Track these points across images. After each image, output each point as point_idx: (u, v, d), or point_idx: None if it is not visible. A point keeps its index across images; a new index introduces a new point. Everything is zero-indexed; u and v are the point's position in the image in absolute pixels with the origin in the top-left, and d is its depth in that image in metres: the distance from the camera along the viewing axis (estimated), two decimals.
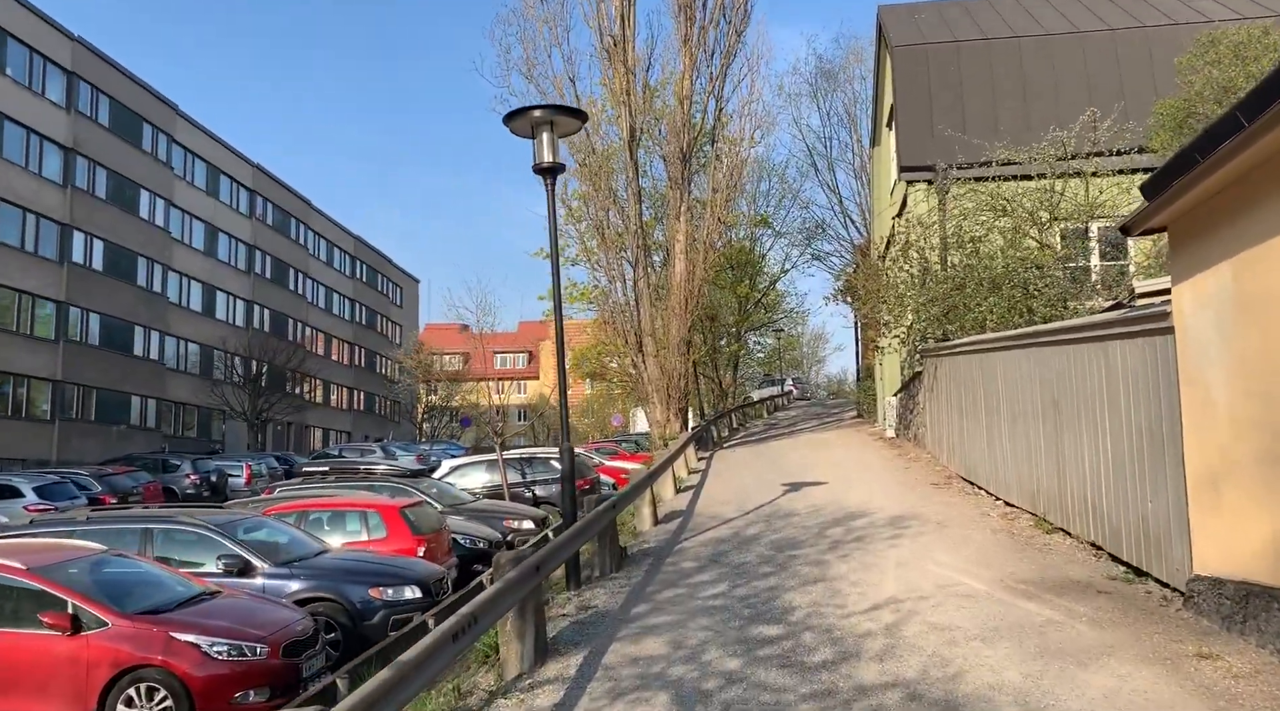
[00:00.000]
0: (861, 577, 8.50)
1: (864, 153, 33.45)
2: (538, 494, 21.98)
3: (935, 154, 19.50)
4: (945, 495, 14.06)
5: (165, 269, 46.64)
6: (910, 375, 21.64)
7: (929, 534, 10.61)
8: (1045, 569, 8.53)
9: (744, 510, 13.22)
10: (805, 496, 14.33)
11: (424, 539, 13.37)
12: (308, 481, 18.62)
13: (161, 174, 46.26)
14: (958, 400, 15.78)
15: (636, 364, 22.66)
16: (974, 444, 14.56)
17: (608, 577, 8.95)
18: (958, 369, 15.84)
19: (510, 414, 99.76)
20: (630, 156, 22.28)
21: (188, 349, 49.01)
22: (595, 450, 40.78)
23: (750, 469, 19.04)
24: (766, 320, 45.73)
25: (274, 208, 58.75)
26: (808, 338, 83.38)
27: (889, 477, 16.27)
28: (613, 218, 22.47)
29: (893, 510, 12.47)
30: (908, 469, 17.35)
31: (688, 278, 22.54)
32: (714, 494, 15.28)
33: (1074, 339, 9.74)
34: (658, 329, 22.80)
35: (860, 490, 14.64)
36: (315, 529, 13.35)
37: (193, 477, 29.85)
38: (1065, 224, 17.45)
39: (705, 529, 11.75)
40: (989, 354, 13.49)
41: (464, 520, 17.47)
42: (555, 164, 8.47)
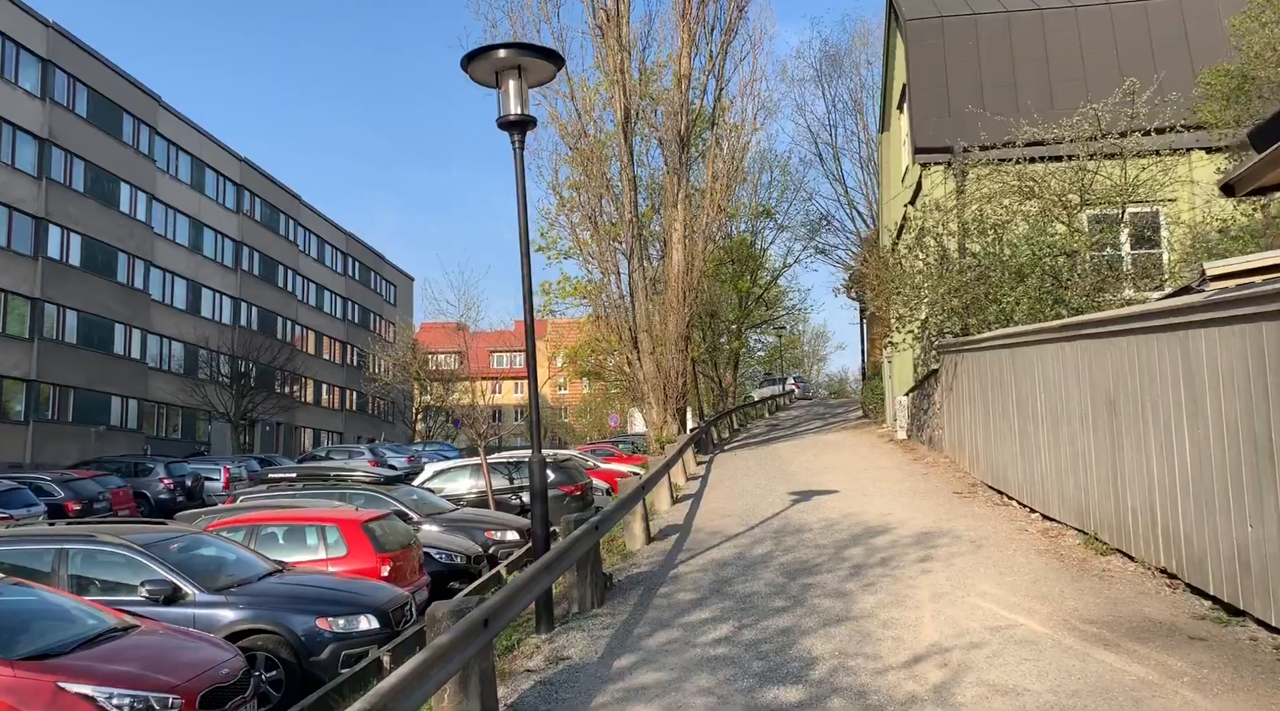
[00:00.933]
0: (894, 615, 7.05)
1: (871, 141, 31.98)
2: (525, 500, 20.53)
3: (952, 134, 18.07)
4: (972, 506, 12.62)
5: (147, 265, 45.15)
6: (925, 373, 20.20)
7: (964, 555, 9.16)
8: (1114, 604, 7.08)
9: (749, 524, 11.77)
10: (816, 507, 12.88)
11: (389, 556, 11.92)
12: (274, 489, 17.17)
13: (143, 167, 44.77)
14: (983, 400, 14.34)
15: (631, 361, 21.22)
16: (1003, 449, 13.12)
17: (588, 615, 7.49)
18: (982, 366, 14.40)
19: (508, 413, 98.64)
20: (624, 140, 20.82)
21: (171, 347, 47.52)
22: (591, 452, 39.38)
23: (753, 475, 17.60)
24: (768, 317, 44.27)
25: (262, 203, 57.27)
26: (809, 336, 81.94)
27: (906, 485, 14.83)
28: (606, 206, 21.03)
29: (917, 524, 11.02)
30: (926, 475, 15.91)
31: (686, 270, 21.10)
32: (715, 505, 13.83)
33: (1138, 329, 8.30)
34: (654, 324, 21.36)
35: (877, 500, 13.20)
36: (267, 546, 11.89)
37: (166, 482, 28.36)
38: (1096, 208, 16.02)
39: (705, 548, 10.30)
40: (1022, 348, 12.05)
41: (441, 531, 16.04)
42: (524, 117, 7.03)
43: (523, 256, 7.23)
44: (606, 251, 20.97)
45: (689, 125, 21.25)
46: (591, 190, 20.72)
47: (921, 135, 19.06)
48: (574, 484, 20.73)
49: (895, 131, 24.57)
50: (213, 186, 51.87)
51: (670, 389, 20.93)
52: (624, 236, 21.23)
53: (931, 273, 16.95)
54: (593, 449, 41.26)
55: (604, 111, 23.35)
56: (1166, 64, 17.67)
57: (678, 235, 21.23)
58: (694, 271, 21.27)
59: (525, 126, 7.11)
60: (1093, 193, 15.27)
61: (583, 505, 20.81)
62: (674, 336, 21.09)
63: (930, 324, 17.99)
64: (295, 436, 59.93)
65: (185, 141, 48.94)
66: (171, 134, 47.49)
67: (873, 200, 30.44)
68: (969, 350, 15.32)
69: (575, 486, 20.69)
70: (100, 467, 29.06)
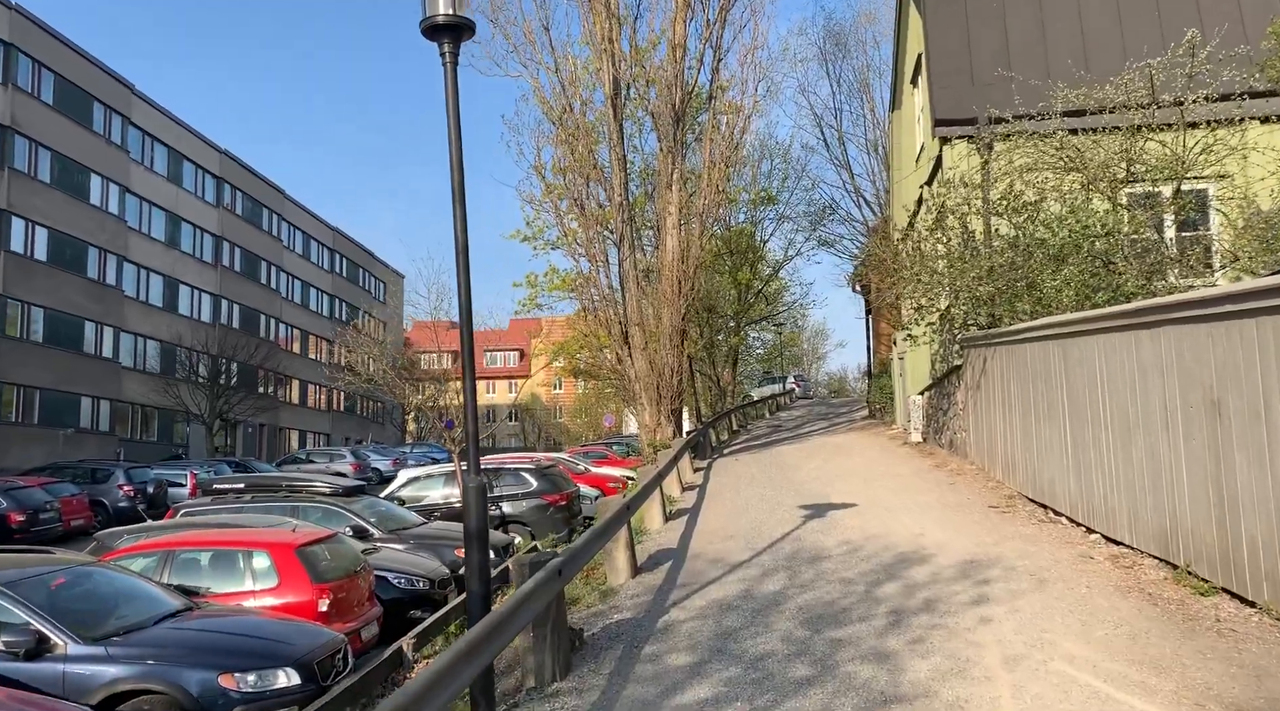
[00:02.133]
0: (961, 694, 5.21)
1: (879, 123, 30.22)
2: (505, 511, 18.69)
3: (976, 103, 16.23)
4: (1015, 524, 10.78)
5: (120, 260, 43.24)
6: (944, 370, 18.36)
7: (1028, 594, 7.32)
8: (1259, 678, 5.24)
9: (754, 548, 9.91)
10: (833, 525, 11.04)
11: (330, 587, 10.06)
12: (219, 501, 15.30)
13: (115, 158, 42.84)
14: (1021, 400, 12.49)
15: (622, 358, 19.36)
16: (1049, 457, 11.27)
17: (546, 693, 5.59)
18: (1020, 361, 12.55)
19: (501, 413, 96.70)
20: (614, 116, 18.95)
21: (146, 346, 45.60)
22: (583, 454, 37.40)
23: (757, 484, 15.75)
24: (768, 313, 42.38)
25: (244, 197, 55.34)
26: (808, 333, 79.98)
27: (933, 497, 12.98)
28: (594, 190, 19.17)
29: (958, 550, 9.18)
30: (953, 485, 14.06)
31: (681, 257, 19.24)
32: (714, 522, 11.96)
33: (1255, 308, 6.46)
34: (646, 318, 19.52)
35: (903, 517, 11.36)
36: (186, 575, 10.04)
37: (126, 489, 26.46)
38: (1140, 185, 14.18)
39: (704, 583, 8.44)
40: (1077, 339, 10.20)
41: (406, 550, 14.20)
42: (457, 19, 5.18)
43: (454, 195, 5.37)
44: (595, 239, 19.10)
45: (684, 99, 19.37)
46: (578, 171, 18.86)
47: (942, 105, 17.20)
48: (559, 492, 18.90)
49: (908, 108, 22.72)
50: (191, 179, 49.94)
51: (664, 388, 19.08)
52: (614, 222, 19.37)
53: (955, 257, 15.10)
54: (585, 451, 39.28)
55: (593, 93, 21.50)
56: (1215, 24, 15.82)
57: (672, 220, 19.36)
58: (690, 260, 19.41)
59: (459, 34, 5.26)
60: (1143, 165, 13.41)
61: (569, 516, 18.97)
62: (668, 331, 19.24)
63: (953, 315, 16.17)
64: (279, 438, 58.02)
65: (161, 132, 47.00)
66: (146, 124, 45.55)
67: (880, 187, 28.63)
68: (1001, 343, 13.48)
69: (560, 495, 18.86)
70: (55, 473, 27.15)
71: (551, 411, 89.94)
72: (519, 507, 18.70)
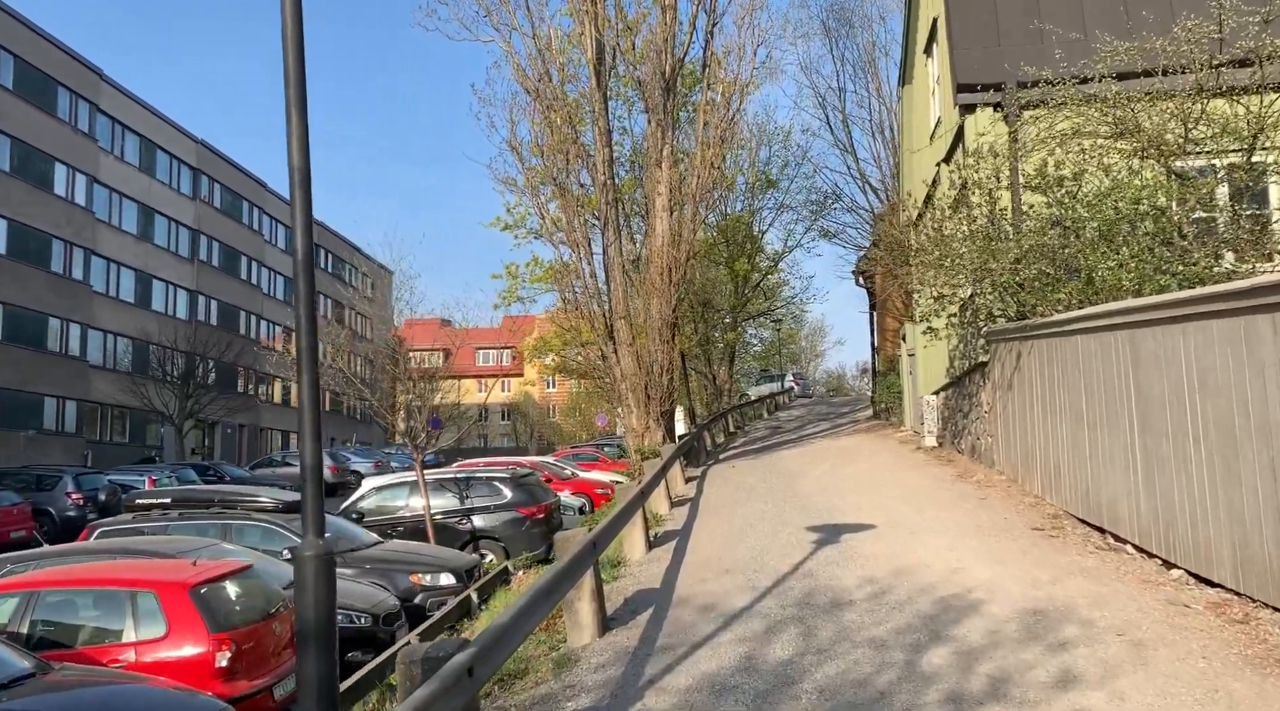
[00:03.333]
0: None
1: (887, 103, 28.31)
2: (477, 526, 16.78)
3: (1003, 65, 14.34)
4: (1070, 553, 8.90)
5: (88, 253, 41.25)
6: (965, 367, 16.50)
7: (1128, 671, 5.44)
8: None
9: (756, 588, 8.01)
10: (850, 554, 9.15)
11: (232, 635, 8.14)
12: (141, 518, 13.37)
13: (82, 146, 40.84)
14: (1070, 402, 10.60)
15: (606, 355, 17.44)
16: (1109, 472, 9.38)
17: None
18: (1066, 356, 10.67)
19: (494, 412, 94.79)
20: (597, 85, 17.01)
21: (116, 344, 43.61)
22: (571, 456, 35.43)
23: (757, 498, 13.85)
24: (766, 308, 40.44)
25: (222, 189, 53.34)
26: (806, 330, 77.95)
27: (963, 516, 11.10)
28: (576, 168, 17.21)
29: (1012, 593, 7.30)
30: (983, 500, 12.17)
31: (672, 242, 17.32)
32: (707, 550, 10.04)
33: None
34: (634, 310, 17.62)
35: (933, 543, 9.47)
36: (53, 623, 8.13)
37: (75, 496, 24.51)
38: (1204, 153, 12.26)
39: (692, 645, 6.53)
40: (1154, 329, 8.30)
41: (350, 578, 12.28)
42: None
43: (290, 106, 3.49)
44: (576, 222, 17.13)
45: (675, 68, 17.45)
46: (557, 148, 16.93)
47: (964, 70, 15.30)
48: (536, 504, 16.97)
49: (921, 81, 20.82)
50: (165, 170, 47.93)
51: (653, 388, 17.17)
52: (598, 205, 17.46)
53: (982, 238, 13.19)
54: (574, 453, 37.28)
55: (577, 69, 19.56)
56: None
57: (662, 201, 17.44)
58: (682, 245, 17.49)
59: None
60: (1208, 128, 11.50)
61: (547, 531, 17.02)
62: (658, 324, 17.32)
63: (978, 304, 14.29)
64: (261, 439, 56.10)
65: (133, 120, 44.98)
66: (116, 112, 43.53)
67: (887, 172, 26.75)
68: (1041, 336, 11.60)
69: (538, 508, 16.93)
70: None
71: (545, 410, 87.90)
72: (492, 521, 16.79)
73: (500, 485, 17.12)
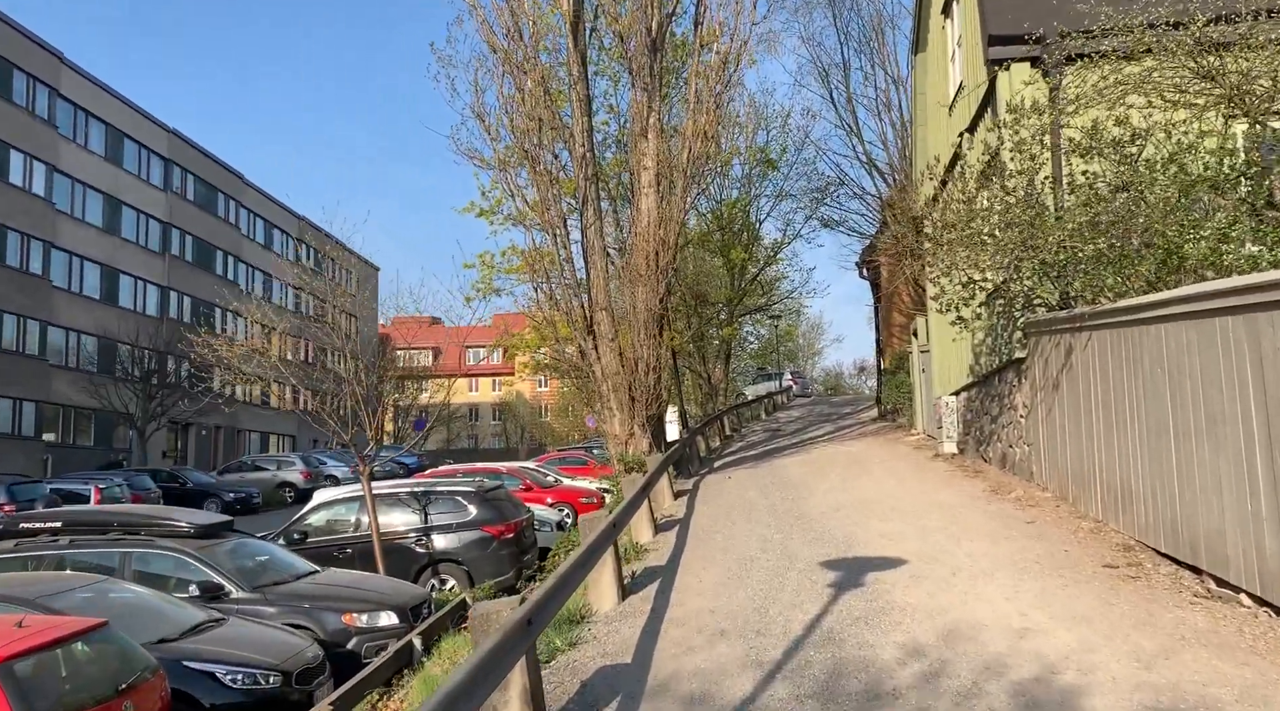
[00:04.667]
0: None
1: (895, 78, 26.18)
2: (437, 547, 14.69)
3: (1041, 12, 12.29)
4: (1169, 606, 6.83)
5: (47, 246, 39.01)
6: (995, 364, 14.43)
7: None
8: None
9: (762, 666, 5.93)
10: (881, 607, 7.07)
11: None
12: (25, 546, 11.22)
13: (40, 133, 38.60)
14: (1148, 406, 8.52)
15: (586, 352, 15.31)
16: (1209, 496, 7.31)
17: None
18: (1140, 349, 8.60)
19: (485, 412, 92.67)
20: (573, 43, 14.86)
21: (80, 342, 41.37)
22: (558, 460, 33.25)
23: (757, 517, 11.76)
24: (763, 304, 38.30)
25: (196, 181, 51.09)
26: (805, 327, 75.77)
27: (1013, 547, 9.02)
28: (550, 139, 15.01)
29: (1118, 677, 5.26)
30: (1031, 524, 10.09)
31: (659, 223, 15.21)
32: (696, 600, 7.92)
33: None
34: (616, 301, 15.52)
35: (989, 589, 7.41)
36: None
37: (7, 508, 22.32)
38: None
39: None
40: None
41: (270, 616, 10.19)
42: None
43: None
44: (551, 200, 14.96)
45: (663, 22, 15.35)
46: (528, 114, 14.79)
47: (996, 20, 13.23)
48: (505, 522, 14.88)
49: (937, 46, 18.75)
50: (133, 160, 45.66)
51: (638, 388, 15.05)
52: (576, 181, 15.34)
53: (1024, 210, 11.10)
54: (560, 456, 35.10)
55: (553, 26, 17.44)
56: None
57: (648, 176, 15.32)
58: (671, 225, 15.35)
59: None
60: None
61: (517, 552, 14.96)
62: (643, 316, 15.19)
63: (1013, 291, 12.22)
64: (238, 441, 53.91)
65: (98, 107, 42.73)
66: (78, 97, 41.27)
67: (894, 153, 24.69)
68: (1103, 325, 9.53)
69: (506, 525, 14.85)
70: None
71: (536, 410, 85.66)
72: (454, 542, 14.72)
73: (463, 500, 15.03)
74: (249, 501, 32.71)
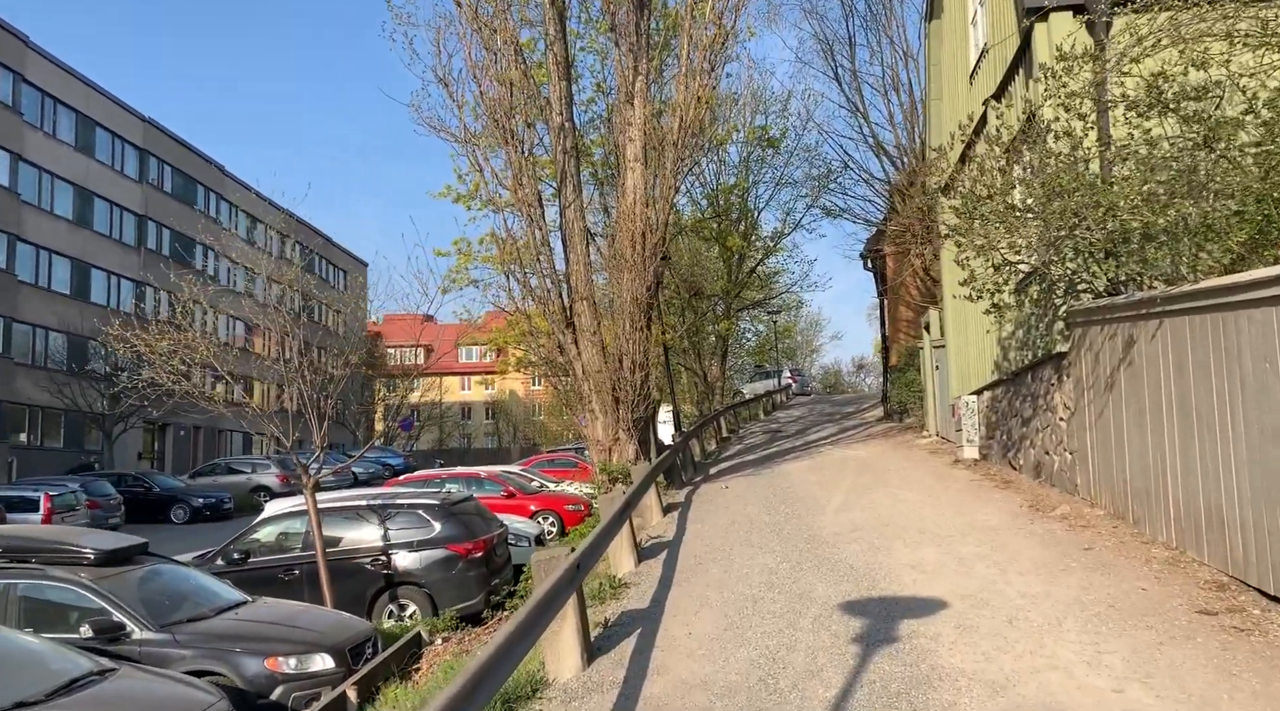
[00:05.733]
0: None
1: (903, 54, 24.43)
2: (397, 566, 12.95)
3: None
4: None
5: (12, 239, 37.17)
6: (1029, 359, 12.71)
7: None
8: None
9: None
10: (930, 679, 5.38)
11: None
12: None
13: (4, 120, 36.77)
14: (1244, 412, 6.82)
15: (564, 346, 13.55)
16: None
17: None
18: (1240, 340, 6.89)
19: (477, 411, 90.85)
20: (550, 1, 13.15)
21: (48, 340, 39.55)
22: (548, 462, 31.54)
23: (760, 541, 10.04)
24: (761, 299, 36.53)
25: (174, 172, 49.26)
26: (803, 324, 73.97)
27: (1078, 585, 7.32)
28: (522, 104, 13.24)
29: None
30: (1090, 552, 8.38)
31: (646, 200, 13.46)
32: (684, 664, 6.17)
33: None
34: (602, 292, 13.79)
35: (1062, 648, 5.74)
36: None
37: None
38: None
39: None
40: None
41: (175, 666, 8.46)
42: None
43: None
44: (524, 176, 13.13)
45: None
46: (497, 75, 13.03)
47: None
48: (472, 539, 13.13)
49: (955, 11, 17.02)
50: (106, 149, 43.79)
51: (624, 387, 13.29)
52: (554, 154, 13.57)
53: (1068, 180, 9.37)
54: (549, 458, 33.38)
55: None
56: None
57: (634, 148, 13.56)
58: (660, 204, 13.61)
59: None
60: None
61: (487, 573, 13.22)
62: (629, 306, 13.43)
63: (1055, 275, 10.52)
64: (219, 442, 52.11)
65: (67, 94, 40.88)
66: (45, 84, 39.43)
67: (903, 136, 22.97)
68: (1178, 312, 7.83)
69: (474, 543, 13.11)
70: None
71: (529, 409, 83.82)
72: (415, 562, 12.97)
73: (426, 515, 13.28)
74: (220, 507, 31.01)
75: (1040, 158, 9.76)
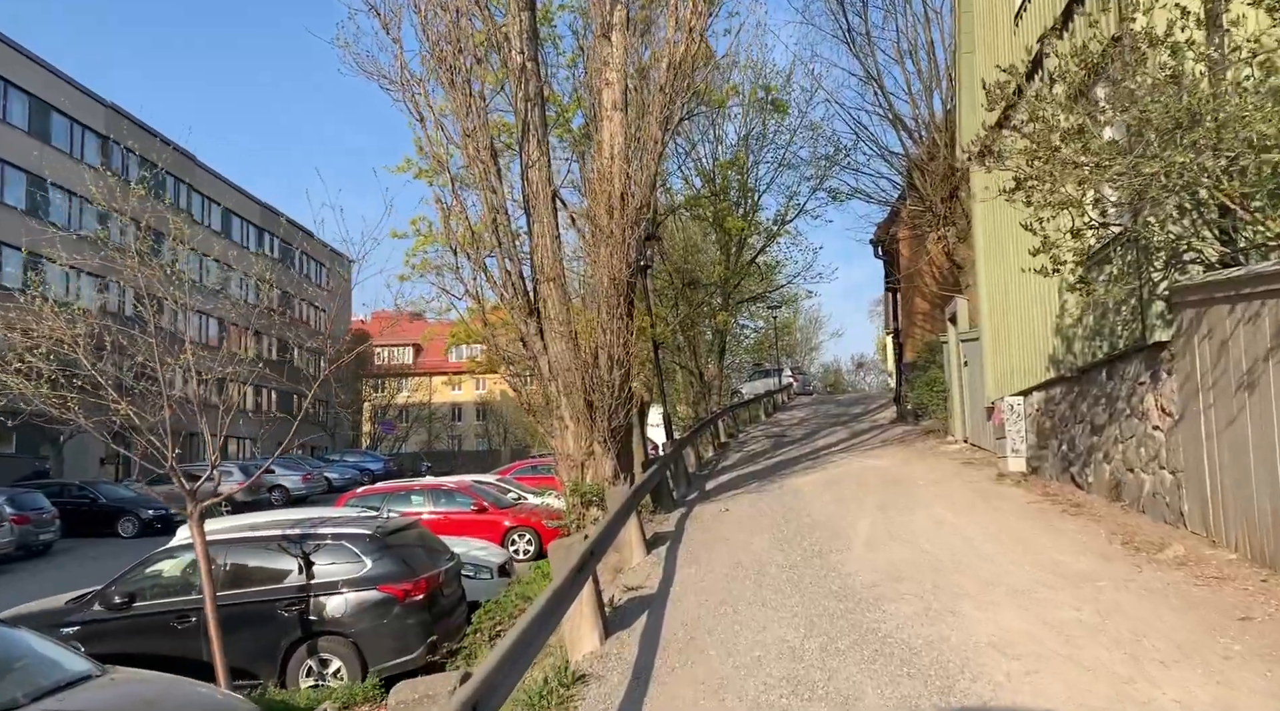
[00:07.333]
0: None
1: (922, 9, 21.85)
2: (319, 612, 10.38)
3: None
4: None
5: None
6: (1106, 351, 10.14)
7: None
8: None
9: None
10: None
11: None
12: None
13: None
14: None
15: (527, 338, 10.95)
16: None
17: None
18: None
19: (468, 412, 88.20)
20: None
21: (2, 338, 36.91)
22: (530, 468, 28.92)
23: (775, 604, 7.46)
24: (763, 291, 33.93)
25: (139, 161, 46.55)
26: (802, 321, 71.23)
27: (1255, 683, 4.77)
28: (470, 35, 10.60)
29: None
30: (1249, 622, 5.83)
31: (625, 155, 10.88)
32: None
33: None
34: (567, 268, 11.24)
35: None
36: None
37: None
38: None
39: None
40: None
41: None
42: None
43: None
44: (474, 124, 10.53)
45: None
46: (440, 5, 10.41)
47: None
48: (411, 578, 10.55)
49: None
50: (63, 136, 41.19)
51: (599, 388, 10.71)
52: (514, 102, 11.00)
53: (1191, 102, 6.84)
54: (531, 464, 30.83)
55: None
56: None
57: (613, 92, 10.95)
58: (643, 158, 10.99)
59: None
60: None
61: (430, 619, 10.65)
62: (606, 289, 10.83)
63: (1152, 241, 7.98)
64: (190, 446, 49.36)
65: (19, 76, 38.27)
66: None
67: (921, 105, 20.42)
68: None
69: (413, 583, 10.55)
70: None
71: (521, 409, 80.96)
72: (340, 607, 10.42)
73: (354, 548, 10.71)
74: (172, 519, 28.38)
75: (1151, 78, 7.21)
